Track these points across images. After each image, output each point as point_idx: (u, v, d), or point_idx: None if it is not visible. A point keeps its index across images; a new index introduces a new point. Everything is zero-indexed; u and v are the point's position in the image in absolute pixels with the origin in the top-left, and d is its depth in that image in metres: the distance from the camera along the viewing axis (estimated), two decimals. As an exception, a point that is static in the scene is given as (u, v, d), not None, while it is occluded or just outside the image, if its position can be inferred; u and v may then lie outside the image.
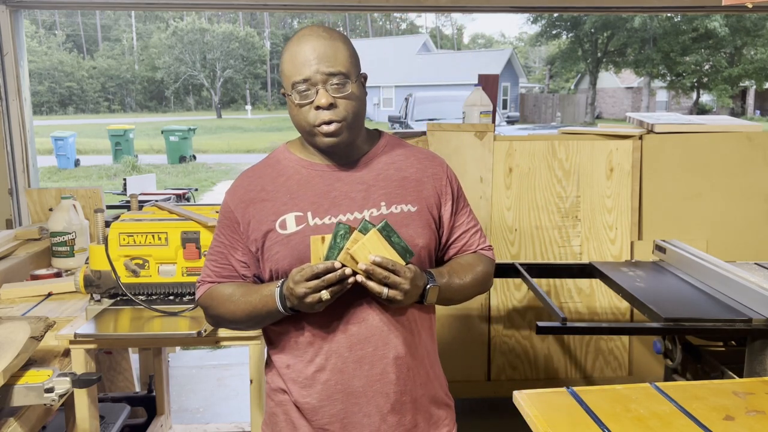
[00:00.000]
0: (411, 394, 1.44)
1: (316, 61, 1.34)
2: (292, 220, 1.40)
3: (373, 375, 1.39)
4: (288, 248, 1.39)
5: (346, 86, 1.36)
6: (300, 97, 1.36)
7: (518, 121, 31.28)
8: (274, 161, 1.50)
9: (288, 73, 1.38)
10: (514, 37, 70.27)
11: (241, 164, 16.68)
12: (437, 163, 1.53)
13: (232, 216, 1.46)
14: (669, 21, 27.09)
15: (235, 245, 1.46)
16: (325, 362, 1.40)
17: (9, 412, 1.67)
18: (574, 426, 1.49)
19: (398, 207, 1.43)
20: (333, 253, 1.29)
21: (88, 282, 2.08)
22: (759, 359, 2.01)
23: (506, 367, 3.33)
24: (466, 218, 1.55)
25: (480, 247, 1.56)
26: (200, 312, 1.99)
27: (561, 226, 3.26)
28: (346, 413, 1.40)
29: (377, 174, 1.45)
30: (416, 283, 1.33)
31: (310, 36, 1.37)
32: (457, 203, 1.53)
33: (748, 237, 3.30)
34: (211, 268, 1.51)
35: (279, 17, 52.95)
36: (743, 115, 30.44)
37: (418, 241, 1.42)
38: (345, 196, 1.42)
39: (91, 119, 34.09)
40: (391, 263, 1.29)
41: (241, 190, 1.47)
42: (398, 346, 1.41)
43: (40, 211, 3.17)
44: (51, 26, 49.82)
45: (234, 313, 1.44)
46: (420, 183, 1.47)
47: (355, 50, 1.42)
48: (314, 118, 1.36)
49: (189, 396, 3.72)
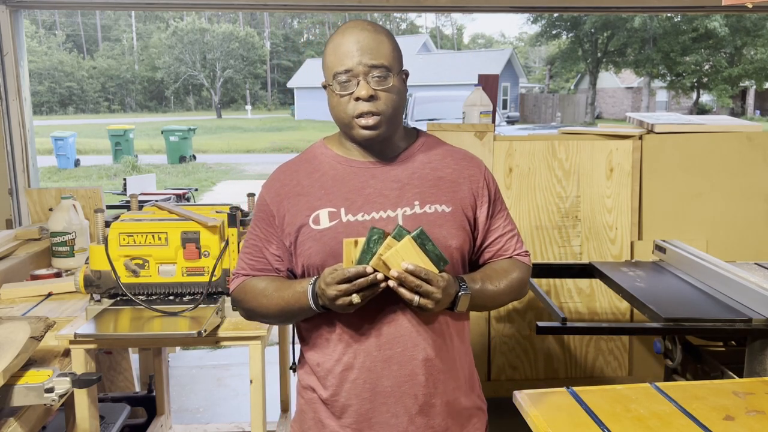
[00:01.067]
0: (441, 398, 1.43)
1: (359, 52, 1.34)
2: (326, 215, 1.40)
3: (401, 375, 1.38)
4: (320, 244, 1.38)
5: (388, 79, 1.36)
6: (340, 88, 1.36)
7: (518, 121, 31.27)
8: (311, 156, 1.49)
9: (330, 64, 1.38)
10: (514, 37, 70.31)
11: (240, 164, 16.71)
12: (475, 164, 1.51)
13: (268, 209, 1.46)
14: (669, 21, 27.09)
15: (270, 239, 1.47)
16: (353, 360, 1.39)
17: (9, 412, 1.67)
18: (574, 426, 1.49)
19: (432, 207, 1.41)
20: (366, 257, 1.28)
21: (88, 282, 2.08)
22: (759, 359, 2.01)
23: (506, 367, 3.33)
24: (503, 222, 1.52)
25: (516, 252, 1.52)
26: (200, 312, 1.99)
27: (561, 226, 3.26)
28: (373, 413, 1.40)
29: (412, 172, 1.44)
30: (448, 291, 1.31)
31: (355, 28, 1.37)
32: (493, 206, 1.50)
33: (748, 237, 3.30)
34: (245, 260, 1.51)
35: (279, 17, 52.93)
36: (743, 115, 30.44)
37: (451, 242, 1.41)
38: (379, 193, 1.41)
39: (91, 119, 34.10)
40: (424, 272, 1.27)
41: (277, 183, 1.48)
42: (427, 348, 1.39)
43: (40, 211, 3.17)
44: (51, 26, 49.81)
45: (267, 307, 1.44)
46: (456, 184, 1.45)
47: (398, 45, 1.42)
48: (353, 109, 1.36)
49: (189, 396, 3.72)
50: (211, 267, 2.05)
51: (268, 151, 20.25)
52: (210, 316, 1.95)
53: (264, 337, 2.02)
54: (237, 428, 2.93)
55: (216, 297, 2.08)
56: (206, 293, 2.04)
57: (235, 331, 2.01)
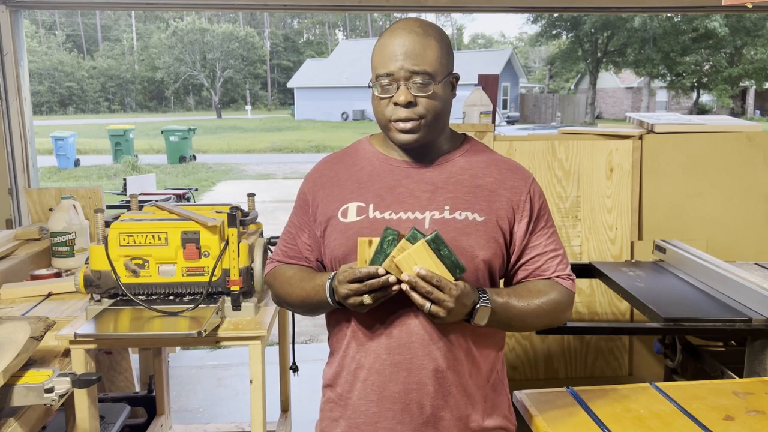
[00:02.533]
0: (454, 413, 1.37)
1: (403, 57, 1.33)
2: (354, 209, 1.40)
3: (409, 383, 1.35)
4: (344, 237, 1.38)
5: (429, 86, 1.34)
6: (381, 90, 1.35)
7: (518, 121, 31.27)
8: (354, 150, 1.51)
9: (374, 64, 1.38)
10: (514, 37, 70.27)
11: (240, 164, 16.72)
12: (520, 176, 1.44)
13: (305, 197, 1.49)
14: (669, 21, 27.10)
15: (303, 227, 1.48)
16: (364, 360, 1.38)
17: (9, 412, 1.67)
18: (574, 426, 1.49)
19: (463, 214, 1.36)
20: (378, 258, 1.25)
21: (88, 282, 2.08)
22: (759, 359, 2.01)
23: (506, 367, 3.33)
24: (545, 240, 1.43)
25: (556, 274, 1.43)
26: (200, 312, 1.99)
27: (561, 226, 3.26)
28: (379, 417, 1.37)
29: (449, 177, 1.40)
30: (463, 301, 1.26)
31: (403, 30, 1.35)
32: (536, 223, 1.42)
33: (748, 237, 3.30)
34: (281, 247, 1.54)
35: (279, 17, 52.93)
36: (743, 115, 30.45)
37: (479, 253, 1.35)
38: (410, 193, 1.39)
39: (91, 119, 34.11)
40: (436, 278, 1.23)
41: (317, 173, 1.50)
42: (439, 358, 1.34)
43: (40, 211, 3.17)
44: (51, 26, 49.81)
45: (290, 295, 1.46)
46: (494, 194, 1.40)
47: (448, 49, 1.39)
48: (391, 112, 1.35)
49: (189, 396, 3.72)
50: (211, 267, 2.04)
51: (268, 151, 20.26)
52: (210, 316, 1.95)
53: (264, 337, 2.02)
54: (237, 428, 2.93)
55: (216, 297, 2.08)
56: (206, 293, 2.04)
57: (235, 331, 2.01)
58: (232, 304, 2.07)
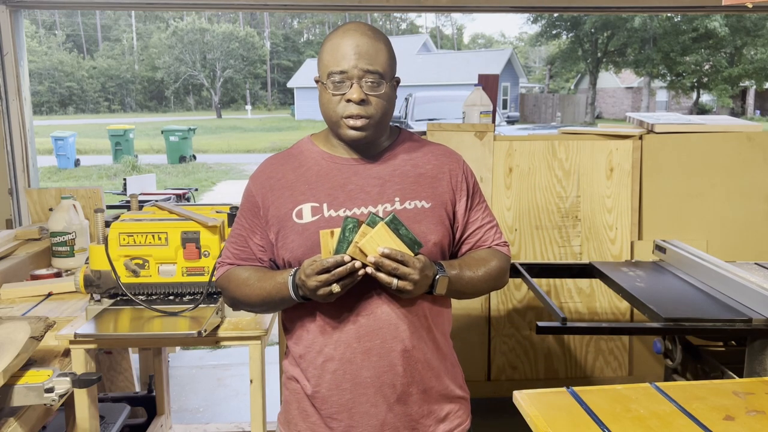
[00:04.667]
0: (419, 386, 1.46)
1: (356, 57, 1.38)
2: (308, 210, 1.44)
3: (380, 366, 1.41)
4: (302, 238, 1.42)
5: (381, 86, 1.40)
6: (333, 87, 1.40)
7: (518, 121, 31.27)
8: (298, 151, 1.54)
9: (326, 62, 1.41)
10: (514, 37, 70.30)
11: (240, 164, 16.71)
12: (454, 159, 1.55)
13: (254, 200, 1.50)
14: (669, 21, 27.09)
15: (255, 229, 1.50)
16: (333, 352, 1.42)
17: (9, 412, 1.67)
18: (574, 426, 1.49)
19: (412, 203, 1.45)
20: (342, 246, 1.31)
21: (88, 282, 2.08)
22: (759, 359, 2.01)
23: (506, 367, 3.33)
24: (481, 214, 1.55)
25: (494, 243, 1.56)
26: (200, 312, 1.99)
27: (561, 226, 3.26)
28: (354, 403, 1.42)
29: (393, 170, 1.48)
30: (425, 273, 1.34)
31: (356, 32, 1.41)
32: (472, 199, 1.54)
33: (748, 237, 3.30)
34: (230, 249, 1.55)
35: (279, 17, 52.93)
36: (743, 115, 30.44)
37: (431, 237, 1.44)
38: (360, 189, 1.45)
39: (91, 119, 34.09)
40: (400, 254, 1.30)
41: (263, 176, 1.52)
42: (406, 339, 1.42)
43: (40, 211, 3.17)
44: (51, 26, 49.81)
45: (249, 296, 1.47)
46: (435, 179, 1.49)
47: (394, 53, 1.46)
48: (343, 109, 1.40)
49: (189, 396, 3.72)
50: (211, 267, 2.05)
51: (268, 151, 20.23)
52: (210, 316, 1.95)
53: (264, 337, 2.03)
54: (237, 428, 2.93)
55: (216, 297, 2.08)
56: (206, 293, 2.04)
57: (235, 331, 2.01)
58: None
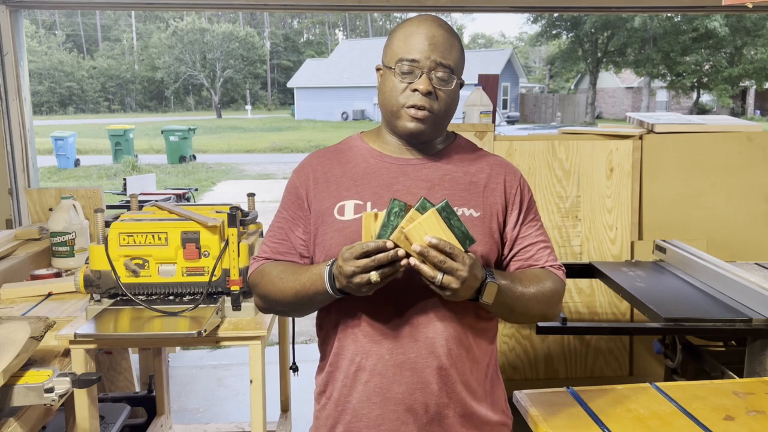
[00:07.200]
0: (455, 409, 1.36)
1: (431, 47, 1.33)
2: (351, 207, 1.37)
3: (414, 383, 1.33)
4: (342, 235, 1.35)
5: (450, 82, 1.35)
6: (402, 74, 1.34)
7: (518, 121, 31.28)
8: (346, 147, 1.48)
9: (397, 48, 1.36)
10: (514, 37, 70.29)
11: (240, 164, 16.71)
12: (511, 171, 1.46)
13: (297, 192, 1.44)
14: (669, 21, 27.11)
15: (297, 222, 1.43)
16: (365, 362, 1.34)
17: (9, 412, 1.67)
18: (574, 426, 1.49)
19: (460, 210, 1.37)
20: (386, 231, 1.20)
21: (88, 282, 2.08)
22: (759, 359, 2.01)
23: (506, 367, 3.33)
24: (535, 231, 1.45)
25: (548, 264, 1.44)
26: (200, 312, 1.99)
27: (561, 226, 3.26)
28: (383, 420, 1.35)
29: (444, 174, 1.40)
30: (474, 272, 1.21)
31: (432, 23, 1.36)
32: (525, 214, 1.44)
33: (748, 237, 3.30)
34: (268, 244, 1.46)
35: (279, 17, 52.92)
36: (743, 115, 30.44)
37: (477, 248, 1.34)
38: (407, 191, 1.37)
39: (91, 119, 34.11)
40: (449, 246, 1.18)
41: (308, 168, 1.46)
42: (443, 356, 1.33)
43: (40, 211, 3.17)
44: (51, 26, 49.81)
45: (282, 291, 1.37)
46: (488, 189, 1.41)
47: (464, 54, 1.41)
48: (406, 98, 1.34)
49: (189, 396, 3.72)
50: (211, 267, 2.04)
51: (268, 151, 20.26)
52: (210, 316, 1.95)
53: (264, 337, 2.02)
54: (237, 428, 2.93)
55: (216, 297, 2.08)
56: (206, 293, 2.04)
57: (235, 331, 2.01)
58: (232, 304, 2.07)
